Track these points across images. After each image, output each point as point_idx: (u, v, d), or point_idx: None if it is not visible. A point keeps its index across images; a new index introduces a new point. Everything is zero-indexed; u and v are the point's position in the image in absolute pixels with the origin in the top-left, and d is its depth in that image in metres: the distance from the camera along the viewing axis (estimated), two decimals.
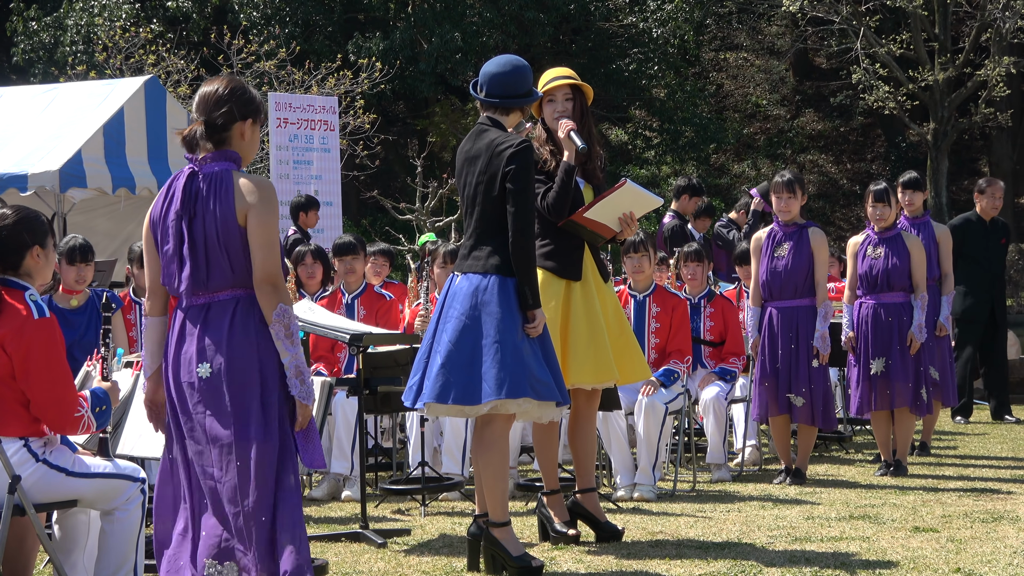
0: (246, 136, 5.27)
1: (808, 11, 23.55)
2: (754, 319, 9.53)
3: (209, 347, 5.10)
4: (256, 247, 5.08)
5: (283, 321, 5.08)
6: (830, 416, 9.51)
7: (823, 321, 9.34)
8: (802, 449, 9.57)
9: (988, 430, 12.77)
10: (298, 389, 5.12)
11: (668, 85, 27.89)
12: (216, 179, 5.15)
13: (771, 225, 9.66)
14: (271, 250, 5.08)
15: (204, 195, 5.14)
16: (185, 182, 5.20)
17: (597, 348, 7.27)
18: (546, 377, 6.58)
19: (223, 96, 5.23)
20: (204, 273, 5.13)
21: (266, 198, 5.11)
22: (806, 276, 9.37)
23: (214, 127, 5.21)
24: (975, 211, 13.21)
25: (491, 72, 6.86)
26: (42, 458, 5.71)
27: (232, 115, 5.22)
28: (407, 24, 25.67)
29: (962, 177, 28.63)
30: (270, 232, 5.10)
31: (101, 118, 13.76)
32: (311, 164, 15.42)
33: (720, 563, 6.86)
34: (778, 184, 9.57)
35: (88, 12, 25.50)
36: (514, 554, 6.63)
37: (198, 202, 5.14)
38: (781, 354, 9.39)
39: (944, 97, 23.85)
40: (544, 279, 7.22)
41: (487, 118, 6.87)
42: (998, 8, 22.68)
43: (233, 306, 5.13)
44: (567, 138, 7.25)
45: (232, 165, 5.20)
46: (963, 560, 6.84)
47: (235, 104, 5.23)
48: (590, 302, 7.35)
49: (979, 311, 13.12)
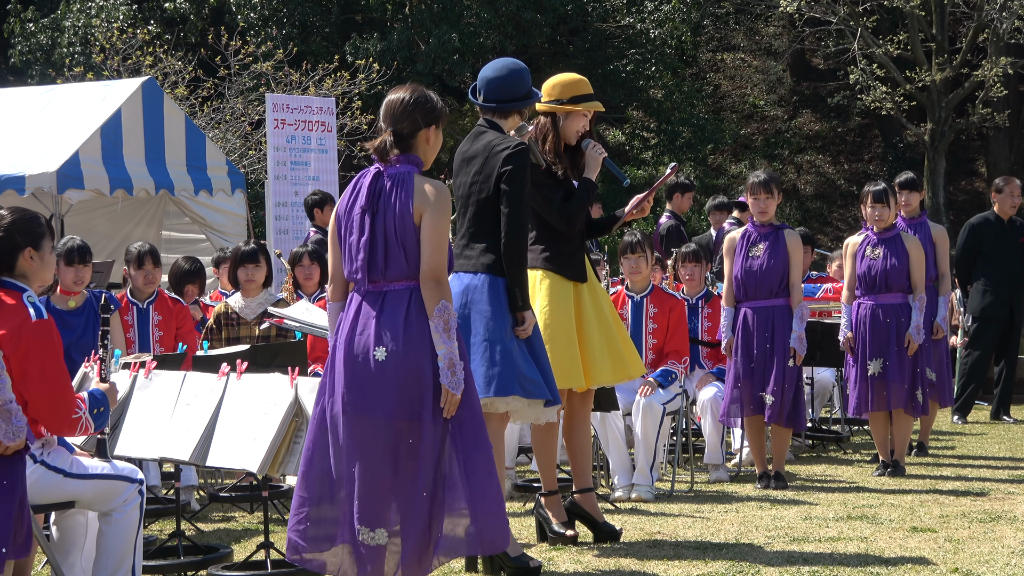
0: (431, 141, 5.68)
1: (805, 12, 23.55)
2: (728, 319, 9.45)
3: (385, 333, 5.46)
4: (426, 244, 5.48)
5: (443, 316, 5.47)
6: (799, 417, 9.40)
7: (800, 322, 9.30)
8: (777, 451, 9.48)
9: (986, 430, 12.77)
10: (448, 379, 5.47)
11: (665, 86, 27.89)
12: (399, 180, 5.55)
13: (745, 225, 9.56)
14: (439, 249, 5.49)
15: (387, 193, 5.55)
16: (371, 180, 5.60)
17: (611, 347, 7.40)
18: (535, 375, 6.61)
19: (409, 105, 5.63)
20: (382, 263, 5.52)
21: (441, 201, 5.50)
22: (782, 277, 9.32)
23: (401, 136, 5.62)
24: (993, 210, 13.17)
25: (488, 77, 6.91)
26: (40, 459, 5.71)
27: (417, 123, 5.63)
28: (404, 25, 25.67)
29: (959, 177, 28.64)
30: (440, 233, 5.50)
31: (99, 119, 13.75)
32: (308, 165, 15.40)
33: (718, 563, 6.86)
34: (756, 185, 9.43)
35: (85, 14, 25.49)
36: (512, 554, 6.63)
37: (381, 199, 5.56)
38: (756, 353, 9.33)
39: (941, 97, 23.86)
40: (554, 282, 7.30)
41: (486, 120, 6.90)
42: (995, 9, 22.69)
43: (408, 296, 5.51)
44: (601, 163, 7.43)
45: (415, 168, 5.61)
46: (961, 560, 6.85)
47: (420, 113, 5.63)
48: (597, 302, 7.43)
49: (998, 309, 13.11)
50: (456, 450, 5.52)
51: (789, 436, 9.59)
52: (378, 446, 5.46)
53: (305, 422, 6.40)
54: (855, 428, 12.36)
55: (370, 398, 5.47)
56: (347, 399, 5.51)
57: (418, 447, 5.45)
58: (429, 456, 5.46)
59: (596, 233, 7.77)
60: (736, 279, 9.39)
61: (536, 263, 7.33)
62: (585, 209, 7.38)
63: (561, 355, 7.14)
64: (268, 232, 15.13)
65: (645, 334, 9.50)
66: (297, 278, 10.42)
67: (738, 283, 9.39)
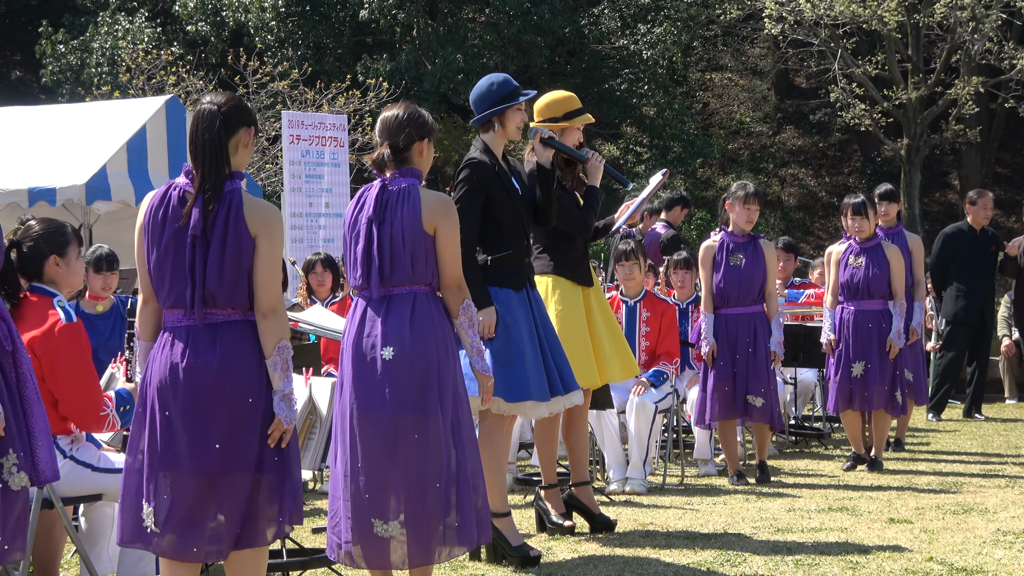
0: (424, 153, 5.68)
1: (789, 34, 23.52)
2: (708, 326, 9.41)
3: (392, 333, 5.47)
4: (445, 255, 5.52)
5: (467, 314, 5.58)
6: (780, 416, 9.50)
7: (778, 328, 9.30)
8: (761, 444, 9.50)
9: (959, 427, 12.77)
10: (480, 364, 5.67)
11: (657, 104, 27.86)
12: (405, 192, 5.55)
13: (720, 235, 9.47)
14: (456, 258, 5.55)
15: (393, 204, 5.55)
16: (377, 193, 5.60)
17: (619, 346, 7.49)
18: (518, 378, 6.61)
19: (403, 121, 5.64)
20: (388, 270, 5.52)
21: (452, 213, 5.54)
22: (761, 285, 9.31)
23: (397, 149, 5.62)
24: (967, 221, 13.17)
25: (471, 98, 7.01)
26: (69, 455, 5.72)
27: (411, 137, 5.64)
28: (412, 47, 25.66)
29: (934, 190, 28.60)
30: (456, 242, 5.55)
31: (125, 135, 13.75)
32: (322, 178, 15.40)
33: (707, 552, 6.86)
34: (750, 195, 9.36)
35: (113, 36, 25.48)
36: (514, 544, 6.64)
37: (387, 210, 5.55)
38: (739, 358, 9.29)
39: (917, 115, 23.84)
40: (565, 288, 7.36)
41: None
42: (967, 31, 22.68)
43: (412, 299, 5.52)
44: (602, 170, 7.50)
45: (416, 180, 5.61)
46: (935, 549, 6.84)
47: (413, 127, 5.64)
48: (603, 305, 7.53)
49: (970, 314, 13.12)
50: (457, 445, 5.53)
51: (768, 431, 9.56)
52: (387, 441, 5.44)
53: (319, 420, 6.40)
54: (836, 425, 12.36)
55: (379, 396, 5.45)
56: (357, 398, 5.50)
57: (427, 441, 5.43)
58: (438, 449, 5.44)
59: (592, 239, 7.79)
60: (718, 287, 9.35)
61: (546, 270, 7.35)
62: (596, 215, 7.48)
63: (579, 357, 7.20)
64: (284, 241, 15.12)
65: (638, 336, 9.49)
66: (311, 284, 10.43)
67: (720, 291, 9.34)
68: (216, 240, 4.79)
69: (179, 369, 4.79)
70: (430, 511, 5.44)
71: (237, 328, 4.83)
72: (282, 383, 4.82)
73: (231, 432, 4.78)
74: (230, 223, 4.79)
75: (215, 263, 4.79)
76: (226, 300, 4.81)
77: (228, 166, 4.85)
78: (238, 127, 4.89)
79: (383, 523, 5.44)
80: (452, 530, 5.49)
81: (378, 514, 5.45)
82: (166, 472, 4.80)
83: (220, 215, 4.80)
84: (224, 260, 4.78)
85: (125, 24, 25.79)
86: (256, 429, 4.81)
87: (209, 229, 4.80)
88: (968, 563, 6.50)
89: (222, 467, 4.78)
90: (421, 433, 5.43)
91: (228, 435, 4.78)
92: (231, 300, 4.81)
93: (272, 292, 4.83)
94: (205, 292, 4.80)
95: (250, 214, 4.80)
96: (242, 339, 4.82)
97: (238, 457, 4.79)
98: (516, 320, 6.70)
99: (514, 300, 6.75)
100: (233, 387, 4.77)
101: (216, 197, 4.80)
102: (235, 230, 4.78)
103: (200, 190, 4.81)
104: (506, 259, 6.75)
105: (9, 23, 30.52)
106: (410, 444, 5.43)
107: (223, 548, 4.85)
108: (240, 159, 4.92)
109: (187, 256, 4.81)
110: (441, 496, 5.45)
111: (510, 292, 6.75)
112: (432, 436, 5.44)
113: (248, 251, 4.80)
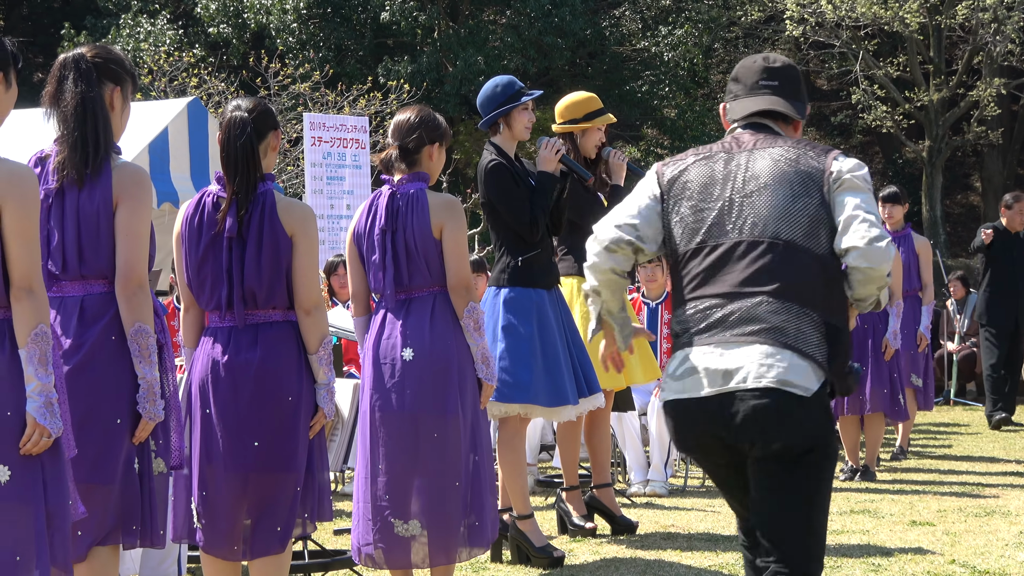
0: (434, 157, 5.69)
1: (810, 35, 23.50)
2: None
3: (412, 334, 5.50)
4: (451, 256, 5.53)
5: (473, 316, 5.55)
6: None
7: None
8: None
9: (981, 430, 12.73)
10: (483, 372, 5.60)
11: (678, 106, 27.86)
12: (413, 198, 5.56)
13: None
14: (463, 259, 5.55)
15: (403, 212, 5.55)
16: (387, 201, 5.59)
17: (641, 349, 7.48)
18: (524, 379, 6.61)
19: (414, 124, 5.66)
20: (406, 277, 5.56)
21: (458, 214, 5.55)
22: None
23: (407, 151, 5.64)
24: (1001, 221, 13.07)
25: None
26: None
27: (422, 140, 5.64)
28: (433, 49, 25.70)
29: (955, 192, 28.54)
30: (462, 245, 5.56)
31: (147, 137, 13.78)
32: (343, 180, 15.42)
33: (728, 555, 6.85)
34: None
35: (135, 38, 25.57)
36: (537, 545, 6.65)
37: (398, 218, 5.56)
38: None
39: (938, 116, 23.78)
40: None
41: None
42: (989, 33, 22.62)
43: (432, 301, 5.56)
44: (625, 168, 7.56)
45: (424, 185, 5.61)
46: (958, 552, 6.83)
47: (424, 130, 5.65)
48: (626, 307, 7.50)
49: (1006, 318, 13.00)
50: (475, 446, 5.55)
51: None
52: (408, 441, 5.46)
53: (340, 421, 6.42)
54: None
55: (400, 396, 5.48)
56: (379, 399, 5.52)
57: (447, 440, 5.45)
58: (458, 449, 5.47)
59: None
60: None
61: (572, 271, 7.36)
62: None
63: None
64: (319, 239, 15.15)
65: (660, 339, 9.48)
66: (332, 286, 10.44)
67: None
68: (252, 240, 4.88)
69: (220, 366, 4.90)
70: (450, 511, 5.46)
71: (278, 328, 4.92)
72: (327, 377, 4.94)
73: (270, 430, 4.86)
74: (265, 223, 4.88)
75: (252, 262, 4.88)
76: (266, 299, 4.90)
77: (259, 170, 4.94)
78: (267, 132, 5.00)
79: (403, 523, 5.46)
80: (471, 530, 5.50)
81: (399, 514, 5.46)
82: (206, 468, 4.89)
83: (255, 216, 4.89)
84: (261, 259, 4.87)
85: (147, 26, 25.89)
86: (294, 428, 4.88)
87: (244, 231, 4.90)
88: (990, 566, 6.49)
89: (258, 465, 4.86)
90: (441, 432, 5.45)
91: (267, 433, 4.86)
92: (270, 299, 4.90)
93: (312, 289, 4.93)
94: (244, 291, 4.90)
95: (285, 213, 4.90)
96: (282, 339, 4.91)
97: (275, 456, 4.86)
98: (550, 324, 6.74)
99: (546, 301, 6.78)
100: (273, 385, 4.85)
101: (249, 200, 4.90)
102: (271, 230, 4.87)
103: (233, 195, 4.89)
104: (536, 258, 6.78)
105: (31, 25, 30.64)
106: (430, 444, 5.45)
107: (255, 547, 4.92)
108: (268, 162, 5.03)
109: (224, 258, 4.90)
110: (460, 496, 5.47)
111: (543, 292, 6.79)
112: (452, 436, 5.46)
113: (286, 249, 4.89)
